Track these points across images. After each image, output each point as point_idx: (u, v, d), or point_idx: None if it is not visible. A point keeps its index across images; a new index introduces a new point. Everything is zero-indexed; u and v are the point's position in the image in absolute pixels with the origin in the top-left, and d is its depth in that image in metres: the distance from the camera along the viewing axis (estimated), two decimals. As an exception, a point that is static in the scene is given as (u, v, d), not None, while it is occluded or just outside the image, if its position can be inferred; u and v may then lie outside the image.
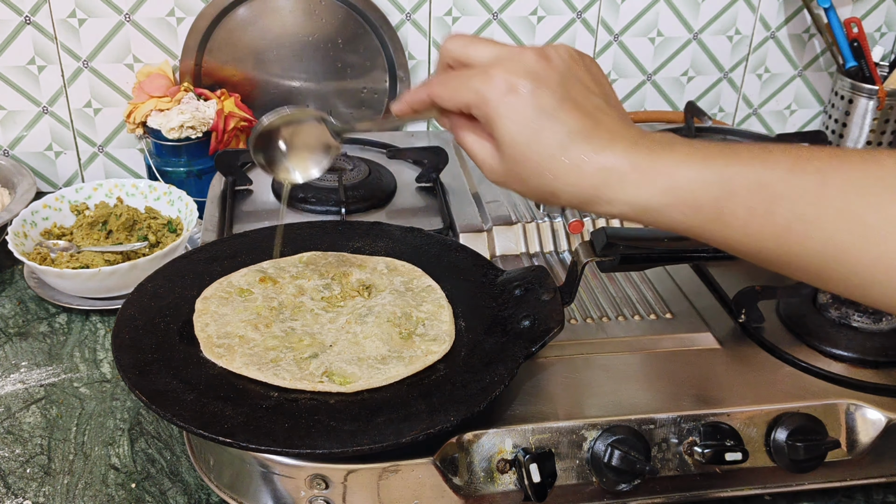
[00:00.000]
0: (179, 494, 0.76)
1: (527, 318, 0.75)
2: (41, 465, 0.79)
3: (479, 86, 0.56)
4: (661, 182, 0.54)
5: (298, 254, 0.86)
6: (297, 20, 1.24)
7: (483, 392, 0.67)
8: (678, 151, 0.54)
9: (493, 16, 1.29)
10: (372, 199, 1.03)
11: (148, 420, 0.85)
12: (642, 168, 0.54)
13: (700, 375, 0.77)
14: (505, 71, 0.56)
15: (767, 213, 0.52)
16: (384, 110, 1.31)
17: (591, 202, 0.56)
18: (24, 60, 1.20)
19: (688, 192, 0.53)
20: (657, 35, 1.35)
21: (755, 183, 0.52)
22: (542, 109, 0.55)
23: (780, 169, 0.52)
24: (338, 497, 0.67)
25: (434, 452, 0.67)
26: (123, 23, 1.20)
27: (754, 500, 0.77)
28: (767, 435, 0.73)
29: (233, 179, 1.06)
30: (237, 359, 0.70)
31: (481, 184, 1.09)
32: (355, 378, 0.69)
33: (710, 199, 0.53)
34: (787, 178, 0.52)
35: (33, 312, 1.01)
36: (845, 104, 1.34)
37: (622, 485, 0.70)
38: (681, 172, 0.54)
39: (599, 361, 0.79)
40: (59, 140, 1.26)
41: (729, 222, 0.53)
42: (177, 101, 1.17)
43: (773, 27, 1.37)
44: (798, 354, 0.80)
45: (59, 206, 1.09)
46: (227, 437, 0.62)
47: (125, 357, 0.70)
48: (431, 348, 0.73)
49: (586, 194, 0.56)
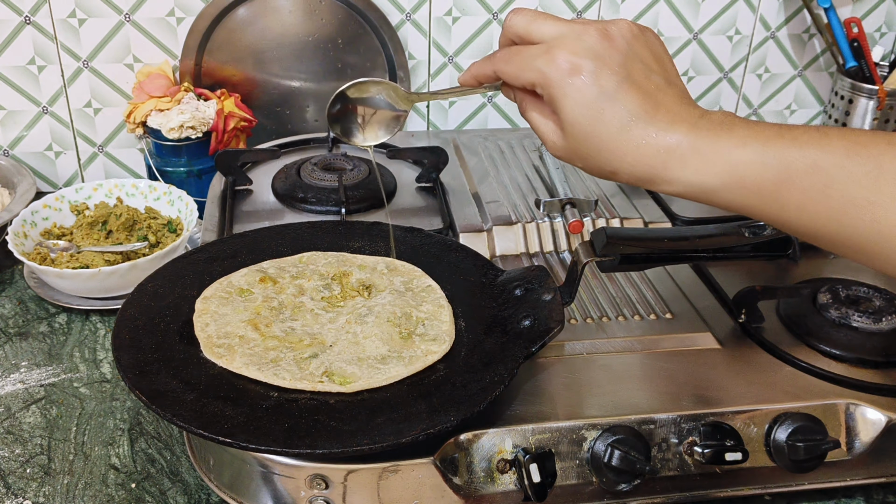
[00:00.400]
0: (179, 494, 0.76)
1: (527, 318, 0.75)
2: (41, 465, 0.79)
3: (543, 66, 0.57)
4: (720, 164, 0.55)
5: (298, 254, 0.86)
6: (297, 20, 1.24)
7: (483, 392, 0.67)
8: (737, 134, 0.56)
9: (493, 16, 1.29)
10: (372, 199, 1.03)
11: (148, 420, 0.85)
12: (702, 150, 0.55)
13: (700, 375, 0.77)
14: (568, 51, 0.57)
15: (823, 196, 0.54)
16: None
17: (651, 181, 0.57)
18: (24, 60, 1.20)
19: (746, 174, 0.55)
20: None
21: (812, 166, 0.54)
22: (603, 91, 0.56)
23: (837, 154, 0.54)
24: (338, 497, 0.67)
25: (434, 452, 0.67)
26: (123, 23, 1.20)
27: (754, 500, 0.77)
28: (767, 435, 0.73)
29: (233, 179, 1.06)
30: (237, 359, 0.70)
31: (481, 184, 1.09)
32: (355, 378, 0.69)
33: (768, 181, 0.55)
34: (843, 163, 0.53)
35: (33, 312, 1.01)
36: (845, 104, 1.34)
37: (622, 485, 0.70)
38: (740, 155, 0.55)
39: (599, 361, 0.79)
40: (59, 140, 1.26)
41: (785, 203, 0.55)
42: (177, 101, 1.17)
43: (773, 27, 1.37)
44: (798, 354, 0.80)
45: (59, 206, 1.09)
46: (227, 437, 0.62)
47: (125, 357, 0.70)
48: (431, 348, 0.73)
49: (647, 174, 0.57)
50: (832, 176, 0.53)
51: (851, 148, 0.54)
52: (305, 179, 1.05)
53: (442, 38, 1.30)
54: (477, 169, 1.14)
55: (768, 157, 0.55)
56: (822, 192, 0.54)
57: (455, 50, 1.31)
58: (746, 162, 0.55)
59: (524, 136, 1.25)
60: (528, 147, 1.21)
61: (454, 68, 1.32)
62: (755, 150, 0.55)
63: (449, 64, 1.32)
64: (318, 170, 1.06)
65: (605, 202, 1.06)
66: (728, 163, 0.55)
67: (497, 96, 1.35)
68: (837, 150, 0.54)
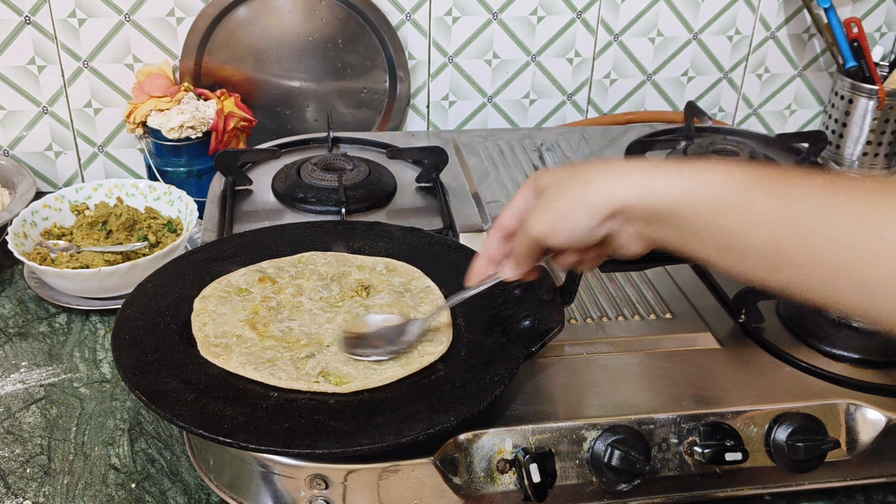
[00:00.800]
0: (179, 494, 0.76)
1: (527, 318, 0.75)
2: (41, 465, 0.79)
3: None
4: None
5: (298, 254, 0.86)
6: (297, 20, 1.24)
7: (483, 392, 0.67)
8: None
9: (493, 16, 1.29)
10: (372, 199, 1.03)
11: (148, 420, 0.85)
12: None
13: (700, 375, 0.77)
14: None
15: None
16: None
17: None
18: (24, 60, 1.20)
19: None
20: (657, 35, 1.35)
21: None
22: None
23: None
24: (338, 497, 0.67)
25: (434, 452, 0.67)
26: (123, 23, 1.20)
27: (754, 500, 0.76)
28: (767, 435, 0.73)
29: (233, 179, 1.06)
30: (234, 358, 0.70)
31: (481, 184, 1.09)
32: (351, 378, 0.69)
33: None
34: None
35: (33, 312, 1.01)
36: (845, 104, 1.34)
37: (622, 485, 0.70)
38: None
39: (599, 361, 0.79)
40: (59, 140, 1.26)
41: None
42: (177, 101, 1.17)
43: (773, 27, 1.37)
44: (798, 354, 0.80)
45: (59, 206, 1.09)
46: (227, 437, 0.62)
47: (125, 357, 0.70)
48: (428, 349, 0.73)
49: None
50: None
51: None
52: (305, 179, 1.05)
53: (442, 38, 1.30)
54: (477, 169, 1.14)
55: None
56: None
57: (455, 50, 1.31)
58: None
59: (524, 136, 1.25)
60: (528, 147, 1.21)
61: (454, 68, 1.32)
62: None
63: (449, 64, 1.32)
64: (318, 170, 1.06)
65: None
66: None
67: (497, 96, 1.35)
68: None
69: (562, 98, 1.37)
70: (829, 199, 0.51)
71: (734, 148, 1.16)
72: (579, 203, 0.60)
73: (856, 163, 1.36)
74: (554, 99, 1.37)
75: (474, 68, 1.33)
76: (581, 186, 0.60)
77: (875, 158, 1.35)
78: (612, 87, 1.38)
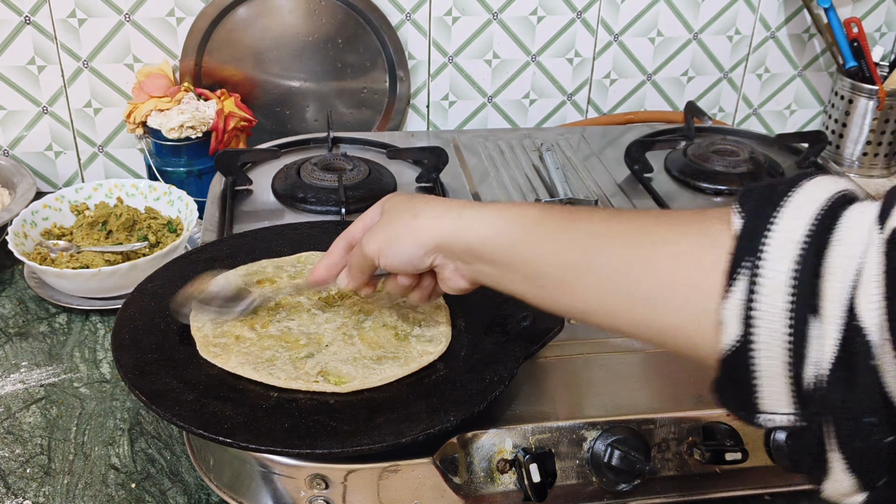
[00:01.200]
0: (179, 494, 0.76)
1: (526, 317, 0.75)
2: (41, 465, 0.79)
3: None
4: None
5: (297, 254, 0.86)
6: (297, 20, 1.24)
7: (483, 392, 0.67)
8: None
9: (493, 16, 1.29)
10: (372, 199, 1.02)
11: (148, 420, 0.85)
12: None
13: (700, 375, 0.77)
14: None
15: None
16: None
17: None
18: (24, 60, 1.20)
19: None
20: (657, 35, 1.35)
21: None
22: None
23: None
24: (338, 497, 0.67)
25: (434, 452, 0.67)
26: (123, 23, 1.20)
27: (754, 500, 0.76)
28: (767, 435, 0.73)
29: (233, 179, 1.06)
30: (233, 358, 0.70)
31: (481, 184, 1.09)
32: (350, 378, 0.69)
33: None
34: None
35: (33, 312, 1.01)
36: (845, 104, 1.34)
37: (622, 485, 0.70)
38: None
39: (599, 361, 0.79)
40: (59, 140, 1.26)
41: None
42: (177, 101, 1.17)
43: (773, 27, 1.37)
44: (798, 354, 0.80)
45: (59, 206, 1.09)
46: (227, 437, 0.62)
47: (125, 357, 0.70)
48: (427, 349, 0.73)
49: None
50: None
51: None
52: (305, 179, 1.05)
53: (442, 38, 1.30)
54: (477, 169, 1.14)
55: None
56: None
57: (455, 50, 1.31)
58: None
59: (524, 136, 1.25)
60: (528, 147, 1.21)
61: (454, 68, 1.32)
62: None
63: (449, 64, 1.32)
64: (318, 170, 1.06)
65: (605, 202, 1.06)
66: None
67: (497, 96, 1.35)
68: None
69: (562, 98, 1.37)
70: (608, 224, 0.56)
71: (734, 148, 1.16)
72: (407, 232, 0.64)
73: (856, 163, 1.36)
74: (554, 99, 1.37)
75: (474, 68, 1.33)
76: (410, 216, 0.64)
77: (875, 158, 1.35)
78: (612, 88, 1.38)
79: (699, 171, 1.12)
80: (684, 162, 1.15)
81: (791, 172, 1.15)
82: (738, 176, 1.10)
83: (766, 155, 1.16)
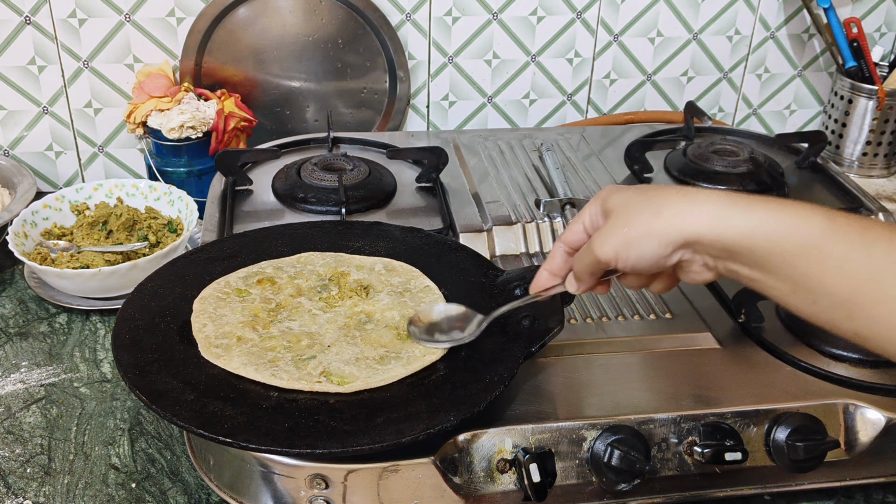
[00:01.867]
0: (179, 494, 0.76)
1: (527, 318, 0.75)
2: (41, 464, 0.79)
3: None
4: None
5: (297, 254, 0.86)
6: (297, 20, 1.24)
7: (483, 392, 0.67)
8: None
9: (493, 16, 1.29)
10: (372, 200, 1.03)
11: (148, 420, 0.85)
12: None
13: (700, 375, 0.77)
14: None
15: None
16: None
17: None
18: (24, 60, 1.20)
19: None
20: (657, 35, 1.35)
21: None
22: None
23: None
24: (338, 497, 0.67)
25: (434, 452, 0.67)
26: (123, 23, 1.20)
27: (754, 500, 0.77)
28: (767, 435, 0.73)
29: (233, 179, 1.06)
30: (235, 359, 0.70)
31: (481, 184, 1.09)
32: (353, 378, 0.69)
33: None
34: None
35: (33, 312, 1.01)
36: (845, 104, 1.34)
37: (622, 485, 0.70)
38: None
39: (599, 361, 0.79)
40: (59, 140, 1.27)
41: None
42: (177, 101, 1.17)
43: (773, 27, 1.37)
44: (798, 354, 0.80)
45: (60, 206, 1.09)
46: (228, 437, 0.62)
47: (125, 357, 0.70)
48: (429, 348, 0.73)
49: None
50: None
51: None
52: (305, 179, 1.05)
53: (442, 38, 1.30)
54: (477, 169, 1.14)
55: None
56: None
57: (455, 50, 1.31)
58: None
59: (524, 136, 1.25)
60: (528, 147, 1.21)
61: (454, 68, 1.32)
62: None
63: (449, 64, 1.32)
64: (318, 170, 1.06)
65: (604, 202, 1.05)
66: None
67: (497, 96, 1.35)
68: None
69: (562, 98, 1.37)
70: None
71: (734, 148, 1.16)
72: (648, 232, 0.59)
73: (855, 163, 1.36)
74: (554, 99, 1.37)
75: (474, 68, 1.33)
76: (651, 214, 0.59)
77: (874, 158, 1.36)
78: (612, 88, 1.38)
79: (699, 171, 1.12)
80: (684, 162, 1.15)
81: (791, 172, 1.15)
82: (738, 176, 1.10)
83: (765, 155, 1.16)
